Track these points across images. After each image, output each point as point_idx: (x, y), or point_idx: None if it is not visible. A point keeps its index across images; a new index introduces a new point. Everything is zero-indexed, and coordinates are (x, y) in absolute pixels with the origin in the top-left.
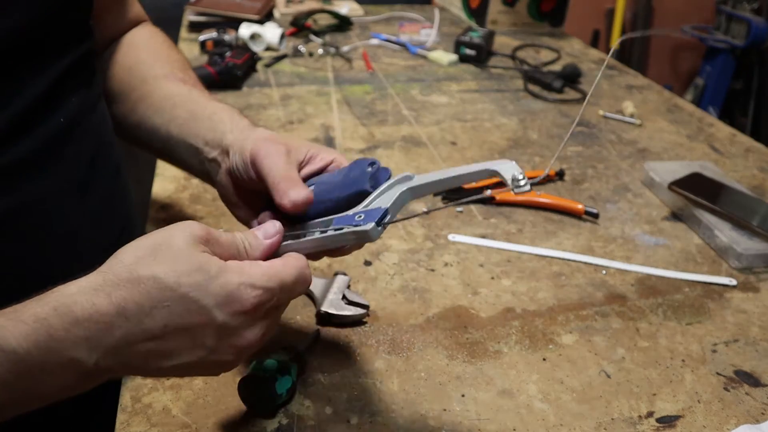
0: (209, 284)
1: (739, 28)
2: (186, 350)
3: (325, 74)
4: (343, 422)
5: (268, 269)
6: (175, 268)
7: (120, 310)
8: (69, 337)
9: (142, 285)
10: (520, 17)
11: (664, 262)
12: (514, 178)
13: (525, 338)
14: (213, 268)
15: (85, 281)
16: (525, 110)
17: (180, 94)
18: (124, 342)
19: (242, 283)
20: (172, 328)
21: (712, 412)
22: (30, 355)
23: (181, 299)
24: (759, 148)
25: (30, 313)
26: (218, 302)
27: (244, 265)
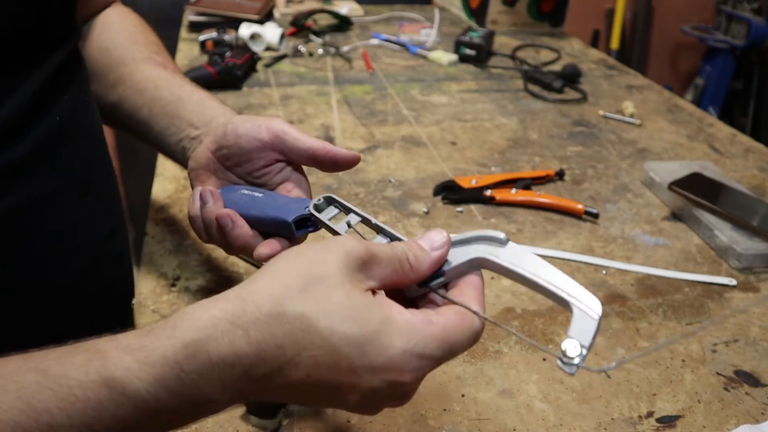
0: (367, 343)
1: (739, 28)
2: (324, 401)
3: (325, 74)
4: (343, 422)
5: (442, 332)
6: (330, 309)
7: (259, 352)
8: (201, 381)
9: (287, 325)
10: (520, 17)
11: (664, 262)
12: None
13: None
14: (374, 320)
15: (221, 308)
16: (525, 110)
17: (163, 78)
18: (261, 385)
19: (407, 351)
20: (313, 381)
21: (712, 412)
22: (160, 401)
23: (331, 352)
24: (759, 148)
25: (159, 353)
26: (374, 368)
27: (415, 324)
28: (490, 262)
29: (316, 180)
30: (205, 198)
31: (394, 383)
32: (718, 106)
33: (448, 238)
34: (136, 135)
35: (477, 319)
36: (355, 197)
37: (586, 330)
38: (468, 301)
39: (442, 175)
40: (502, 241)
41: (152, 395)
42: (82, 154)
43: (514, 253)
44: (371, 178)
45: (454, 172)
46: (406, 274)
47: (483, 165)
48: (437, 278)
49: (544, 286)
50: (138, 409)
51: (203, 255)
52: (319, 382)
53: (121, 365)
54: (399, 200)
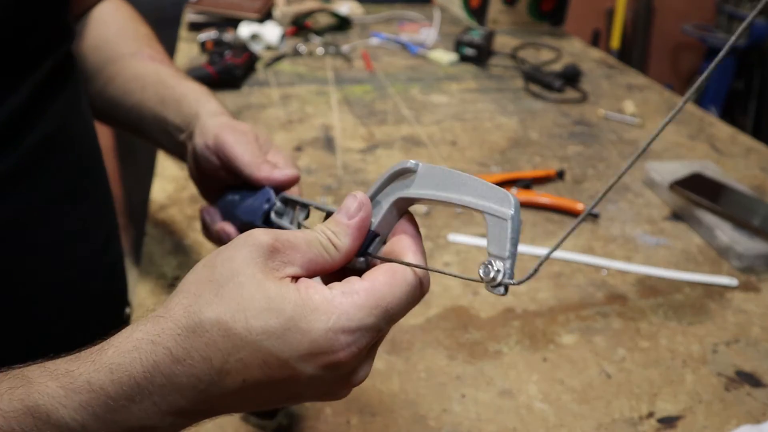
0: (286, 332)
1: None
2: (275, 401)
3: (325, 74)
4: (343, 422)
5: (368, 298)
6: (243, 306)
7: (186, 367)
8: (132, 407)
9: (206, 334)
10: (520, 17)
11: (664, 262)
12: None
13: (525, 338)
14: (288, 306)
15: (143, 331)
16: (525, 110)
17: (149, 75)
18: (199, 402)
19: (331, 327)
20: (251, 384)
21: (712, 412)
22: (86, 428)
23: (255, 350)
24: (760, 148)
25: (84, 380)
26: (301, 355)
27: (335, 294)
28: (407, 199)
29: (316, 180)
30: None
31: (331, 365)
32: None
33: (363, 197)
34: (135, 135)
35: (410, 272)
36: None
37: (500, 236)
38: (401, 253)
39: None
40: (413, 169)
41: (78, 423)
42: (75, 163)
43: (426, 178)
44: (371, 178)
45: None
46: (330, 254)
47: (483, 165)
48: (371, 242)
49: (459, 203)
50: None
51: (203, 255)
52: (258, 384)
53: (45, 392)
54: None
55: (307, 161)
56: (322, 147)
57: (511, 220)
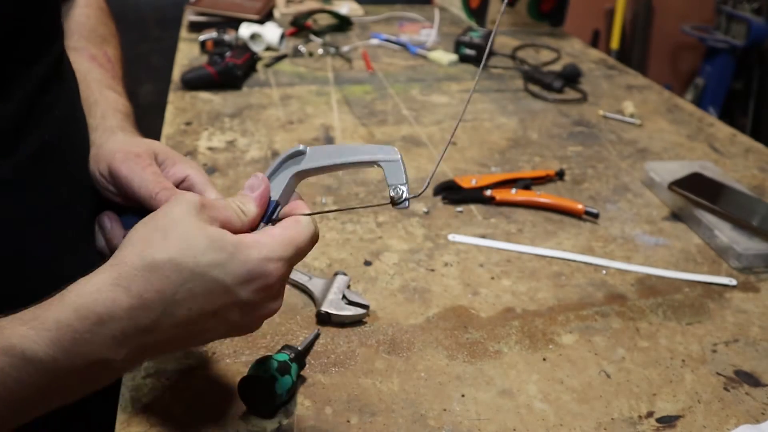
0: (228, 262)
1: (739, 28)
2: (211, 330)
3: (325, 74)
4: (343, 422)
5: (283, 237)
6: (189, 245)
7: (142, 301)
8: (95, 339)
9: (159, 270)
10: (520, 17)
11: (664, 262)
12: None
13: (525, 338)
14: (228, 245)
15: (101, 277)
16: (525, 110)
17: (79, 72)
18: (150, 333)
19: (262, 257)
20: (196, 312)
21: (712, 412)
22: (57, 362)
23: (202, 280)
24: (759, 148)
25: (52, 319)
26: (240, 281)
27: (260, 236)
28: (302, 172)
29: (316, 180)
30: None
31: (262, 288)
32: (718, 106)
33: (263, 176)
34: None
35: (307, 219)
36: (356, 197)
37: (397, 173)
38: (297, 208)
39: (442, 175)
40: (303, 151)
41: (50, 356)
42: (71, 172)
43: (314, 154)
44: (371, 178)
45: (454, 172)
46: (240, 219)
47: (483, 165)
48: (275, 210)
49: (348, 162)
50: (38, 371)
51: None
52: (202, 311)
53: (17, 333)
54: None
55: None
56: None
57: (401, 160)
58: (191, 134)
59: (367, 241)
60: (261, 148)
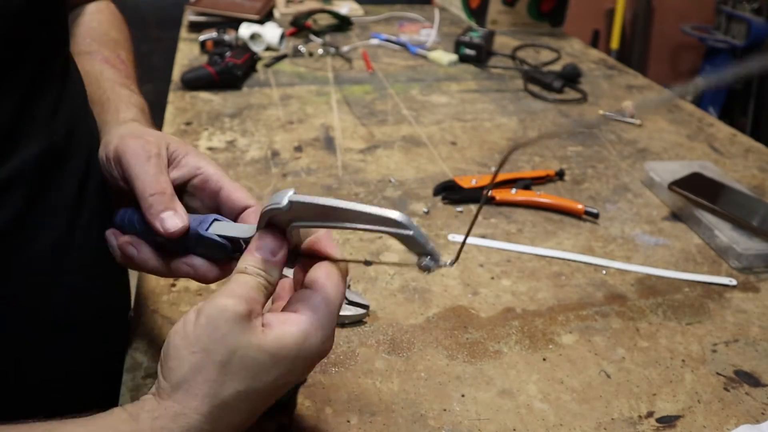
0: (295, 367)
1: (739, 28)
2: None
3: (325, 74)
4: (343, 422)
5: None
6: (254, 372)
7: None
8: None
9: (229, 407)
10: (520, 17)
11: (664, 262)
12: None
13: (525, 338)
14: (290, 352)
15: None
16: (525, 110)
17: (91, 74)
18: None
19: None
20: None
21: (712, 412)
22: None
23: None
24: (759, 148)
25: None
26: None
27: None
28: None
29: (316, 180)
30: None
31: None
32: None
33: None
34: None
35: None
36: (356, 197)
37: (416, 244)
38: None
39: (442, 175)
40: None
41: None
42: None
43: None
44: (371, 178)
45: (454, 172)
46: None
47: (483, 165)
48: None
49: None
50: None
51: None
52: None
53: None
54: (399, 200)
55: (307, 161)
56: (322, 147)
57: (414, 232)
58: (191, 134)
59: (367, 241)
60: (261, 148)
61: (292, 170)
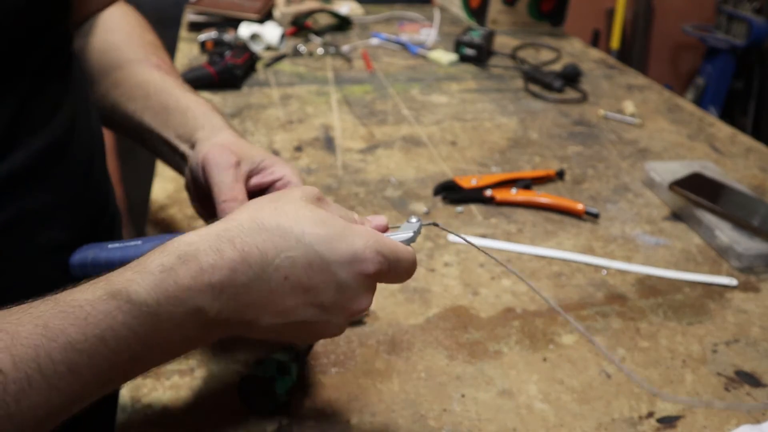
0: (334, 241)
1: (739, 28)
2: (300, 307)
3: (325, 74)
4: (343, 422)
5: (390, 241)
6: (299, 217)
7: (244, 256)
8: (195, 285)
9: (266, 233)
10: (520, 17)
11: (664, 262)
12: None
13: (525, 338)
14: (338, 225)
15: (208, 229)
16: (525, 110)
17: (154, 83)
18: (244, 290)
19: (368, 246)
20: (292, 282)
21: (712, 412)
22: (159, 305)
23: (306, 251)
24: (759, 148)
25: (156, 264)
26: (342, 260)
27: (369, 229)
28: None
29: (316, 180)
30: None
31: (361, 275)
32: (719, 105)
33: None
34: (135, 141)
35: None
36: (355, 197)
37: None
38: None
39: (442, 175)
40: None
41: (154, 299)
42: (80, 170)
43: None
44: (371, 178)
45: (454, 171)
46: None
47: (483, 165)
48: None
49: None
50: (142, 314)
51: None
52: (297, 284)
53: (123, 279)
54: (399, 200)
55: (307, 161)
56: (322, 147)
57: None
58: None
59: None
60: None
61: None
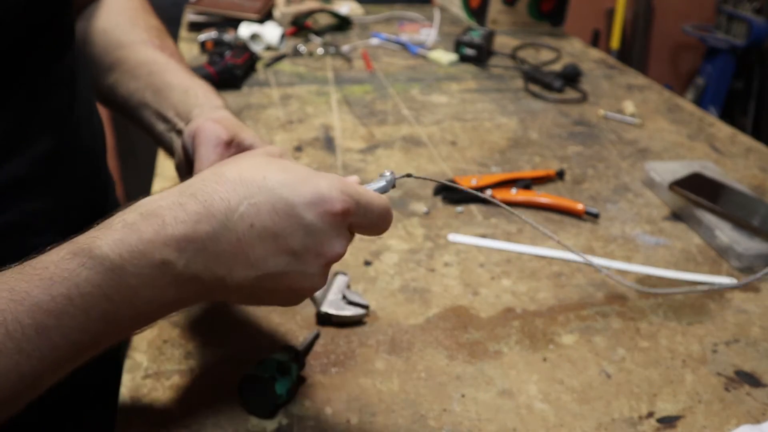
0: (298, 184)
1: (739, 28)
2: (271, 255)
3: (325, 74)
4: (343, 422)
5: (359, 186)
6: (259, 166)
7: (207, 206)
8: (158, 238)
9: (229, 183)
10: (520, 17)
11: (664, 262)
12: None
13: (525, 338)
14: (301, 171)
15: (169, 190)
16: (525, 110)
17: (157, 62)
18: (210, 241)
19: (333, 186)
20: (258, 229)
21: (712, 412)
22: (123, 260)
23: (269, 196)
24: (759, 148)
25: (118, 221)
26: (307, 201)
27: (334, 174)
28: None
29: None
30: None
31: (328, 214)
32: (719, 105)
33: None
34: (130, 120)
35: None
36: None
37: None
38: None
39: (442, 175)
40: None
41: (117, 254)
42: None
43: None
44: (372, 178)
45: (454, 171)
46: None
47: (483, 165)
48: None
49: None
50: (106, 270)
51: None
52: (264, 231)
53: (86, 237)
54: (399, 200)
55: (307, 161)
56: (322, 147)
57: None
58: None
59: (367, 241)
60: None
61: None
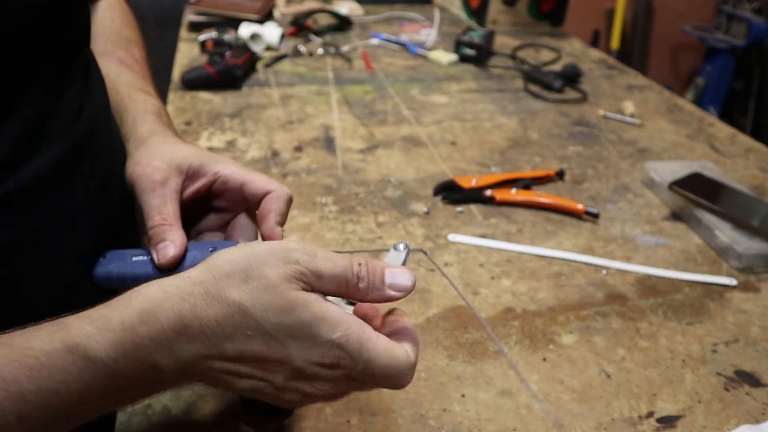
0: (298, 330)
1: (739, 28)
2: (255, 379)
3: (325, 74)
4: (343, 422)
5: (367, 341)
6: (264, 302)
7: (203, 326)
8: (153, 345)
9: (227, 308)
10: (520, 17)
11: (664, 262)
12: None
13: (525, 338)
14: (307, 314)
15: (173, 286)
16: (525, 110)
17: (108, 77)
18: (200, 357)
19: (338, 344)
20: (248, 356)
21: (712, 412)
22: (117, 364)
23: (264, 336)
24: (759, 148)
25: (117, 321)
26: (302, 350)
27: (347, 315)
28: None
29: (316, 180)
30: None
31: (317, 364)
32: (719, 105)
33: (412, 286)
34: None
35: (408, 361)
36: (355, 197)
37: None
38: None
39: (442, 175)
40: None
41: (111, 358)
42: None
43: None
44: (371, 178)
45: (454, 172)
46: (351, 293)
47: (483, 165)
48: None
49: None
50: (98, 371)
51: None
52: (253, 357)
53: (83, 333)
54: (399, 200)
55: (307, 161)
56: (322, 147)
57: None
58: (191, 134)
59: (367, 241)
60: (261, 148)
61: (292, 170)
